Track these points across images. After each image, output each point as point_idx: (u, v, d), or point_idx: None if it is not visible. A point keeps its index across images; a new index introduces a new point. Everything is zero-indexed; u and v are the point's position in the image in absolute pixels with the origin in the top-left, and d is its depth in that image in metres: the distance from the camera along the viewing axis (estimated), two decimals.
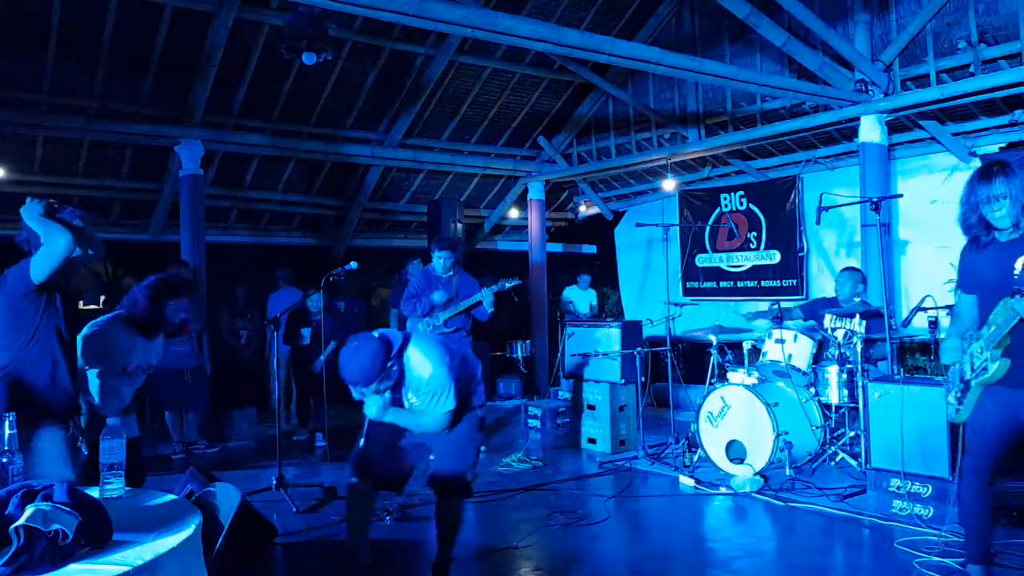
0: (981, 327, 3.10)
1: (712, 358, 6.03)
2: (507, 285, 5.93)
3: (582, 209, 11.76)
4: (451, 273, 6.23)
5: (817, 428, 5.51)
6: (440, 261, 6.17)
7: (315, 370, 6.56)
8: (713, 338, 5.98)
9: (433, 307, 6.12)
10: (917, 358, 7.99)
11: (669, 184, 9.46)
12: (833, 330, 5.73)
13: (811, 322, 5.94)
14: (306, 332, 7.54)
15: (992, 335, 3.00)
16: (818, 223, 5.24)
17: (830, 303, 6.04)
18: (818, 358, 5.70)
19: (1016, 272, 2.97)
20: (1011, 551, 3.69)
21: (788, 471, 5.10)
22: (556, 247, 12.10)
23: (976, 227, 3.06)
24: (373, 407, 3.31)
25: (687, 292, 9.67)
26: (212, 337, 7.54)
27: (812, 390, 5.64)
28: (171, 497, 2.47)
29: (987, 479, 3.09)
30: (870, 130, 6.71)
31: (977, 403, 3.12)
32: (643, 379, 6.47)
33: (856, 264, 6.67)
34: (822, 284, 8.19)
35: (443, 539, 3.53)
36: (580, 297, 10.75)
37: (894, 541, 3.99)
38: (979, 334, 3.10)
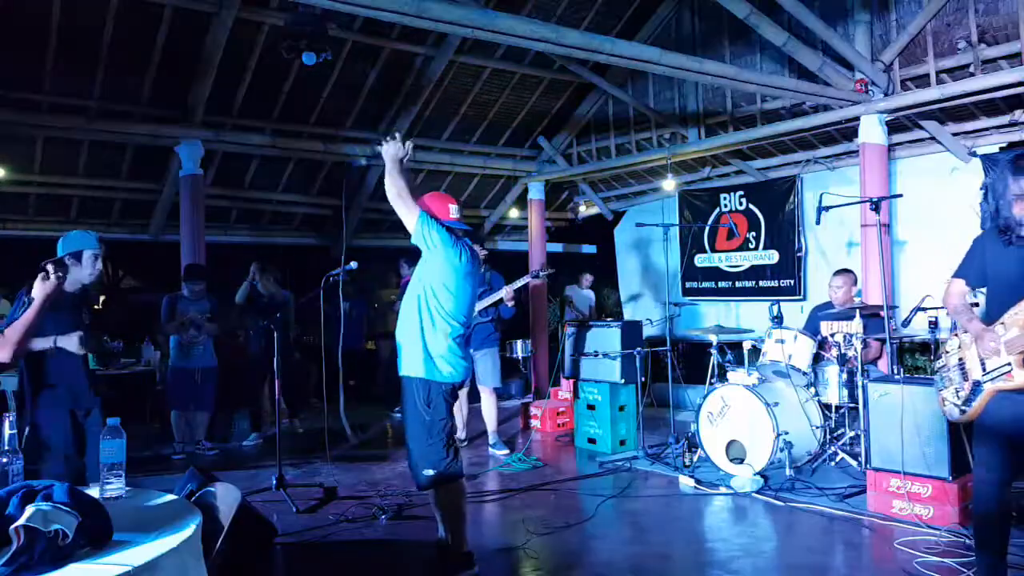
0: (993, 325, 3.04)
1: (712, 358, 6.03)
2: (540, 274, 6.24)
3: (582, 209, 11.75)
4: (484, 267, 6.44)
5: (817, 428, 5.51)
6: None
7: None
8: (713, 338, 5.98)
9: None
10: (917, 358, 7.99)
11: (669, 184, 9.45)
12: (832, 335, 5.73)
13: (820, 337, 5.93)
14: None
15: (1015, 340, 2.94)
16: (818, 223, 5.22)
17: (826, 307, 6.04)
18: (818, 358, 5.71)
19: None
20: (1012, 551, 3.68)
21: (788, 471, 5.10)
22: (556, 247, 12.10)
23: (1009, 221, 2.99)
24: None
25: (686, 292, 9.65)
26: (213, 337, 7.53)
27: (812, 390, 5.64)
28: (171, 497, 2.47)
29: (1000, 478, 3.05)
30: (870, 130, 6.70)
31: (991, 406, 3.05)
32: (643, 379, 6.46)
33: (853, 266, 6.64)
34: (820, 285, 8.18)
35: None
36: (581, 296, 10.74)
37: (894, 541, 3.99)
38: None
